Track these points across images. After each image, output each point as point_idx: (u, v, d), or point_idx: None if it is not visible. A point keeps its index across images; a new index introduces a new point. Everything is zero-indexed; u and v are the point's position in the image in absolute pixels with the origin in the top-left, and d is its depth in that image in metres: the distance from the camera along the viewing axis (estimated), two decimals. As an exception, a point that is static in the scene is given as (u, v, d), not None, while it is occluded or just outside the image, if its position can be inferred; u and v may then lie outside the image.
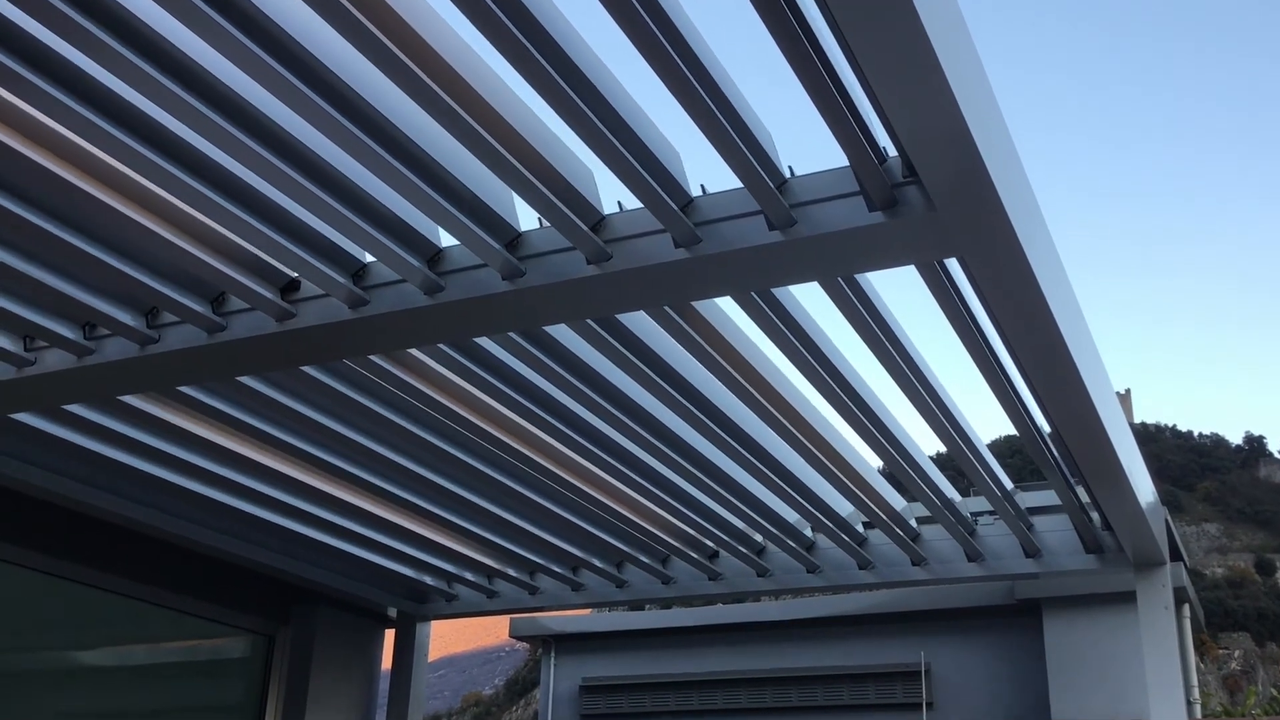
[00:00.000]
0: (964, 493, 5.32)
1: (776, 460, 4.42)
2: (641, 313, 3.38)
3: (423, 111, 2.57)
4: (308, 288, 3.34)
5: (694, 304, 3.31)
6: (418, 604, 6.52)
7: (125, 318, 3.47)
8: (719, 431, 4.10)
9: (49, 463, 4.67)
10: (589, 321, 3.33)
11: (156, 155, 2.74)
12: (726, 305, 3.44)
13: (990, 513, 5.35)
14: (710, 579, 5.81)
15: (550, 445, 4.42)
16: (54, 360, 3.68)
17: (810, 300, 3.38)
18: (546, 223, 3.02)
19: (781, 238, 2.77)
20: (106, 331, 3.58)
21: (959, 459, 4.26)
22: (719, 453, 4.42)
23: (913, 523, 5.29)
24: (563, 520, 5.16)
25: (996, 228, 2.65)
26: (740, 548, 5.45)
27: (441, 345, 3.56)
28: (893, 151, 2.61)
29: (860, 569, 5.50)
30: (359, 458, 4.59)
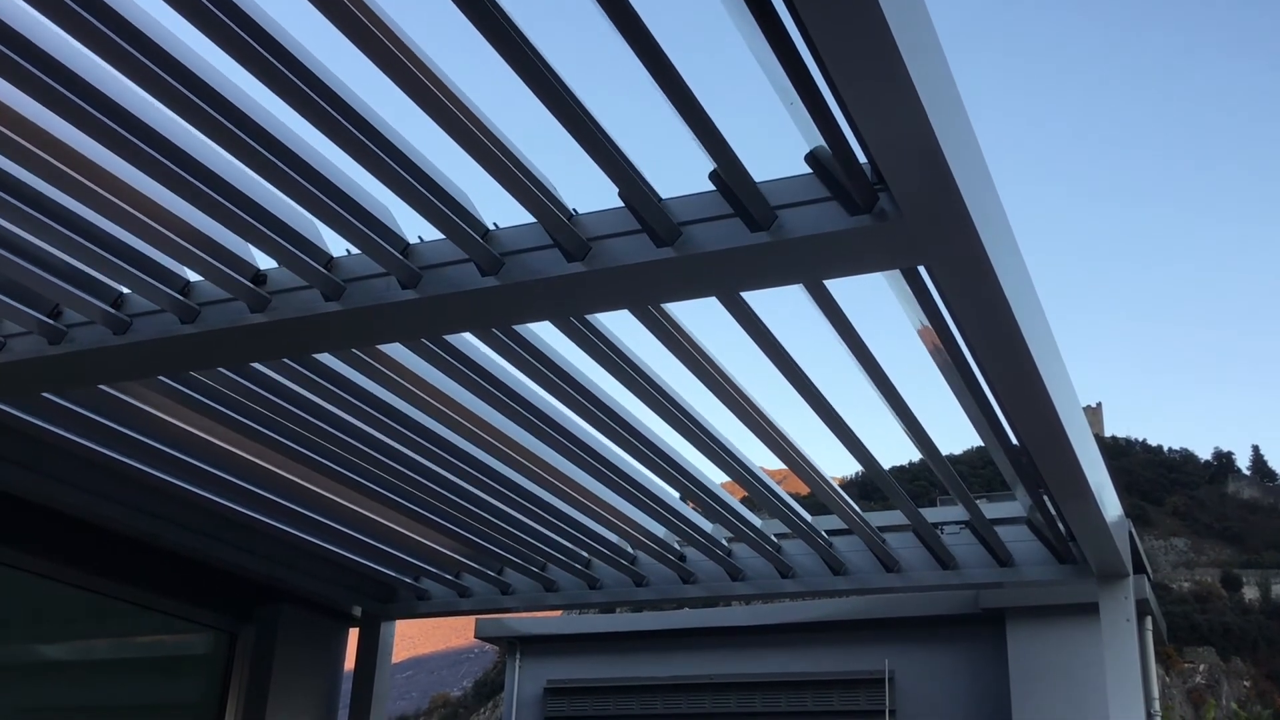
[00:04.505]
0: (930, 502, 5.35)
1: (746, 464, 4.43)
2: (618, 312, 3.37)
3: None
4: (278, 280, 3.32)
5: (668, 306, 3.31)
6: (383, 603, 6.48)
7: (95, 303, 3.43)
8: (695, 431, 4.11)
9: (5, 453, 4.58)
10: (565, 317, 3.33)
11: (133, 137, 2.72)
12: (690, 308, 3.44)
13: (958, 523, 5.38)
14: (684, 581, 5.80)
15: (519, 441, 4.41)
16: (25, 347, 3.64)
17: (775, 303, 3.40)
18: (516, 221, 3.02)
19: (757, 240, 2.78)
20: (81, 319, 3.54)
21: (935, 467, 4.28)
22: (691, 453, 4.43)
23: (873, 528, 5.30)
24: (531, 513, 5.14)
25: (963, 237, 2.66)
26: (714, 549, 5.46)
27: (423, 340, 3.56)
28: (862, 159, 2.62)
29: (834, 574, 5.52)
30: (326, 447, 4.55)
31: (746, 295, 3.17)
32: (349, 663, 6.75)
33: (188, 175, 2.85)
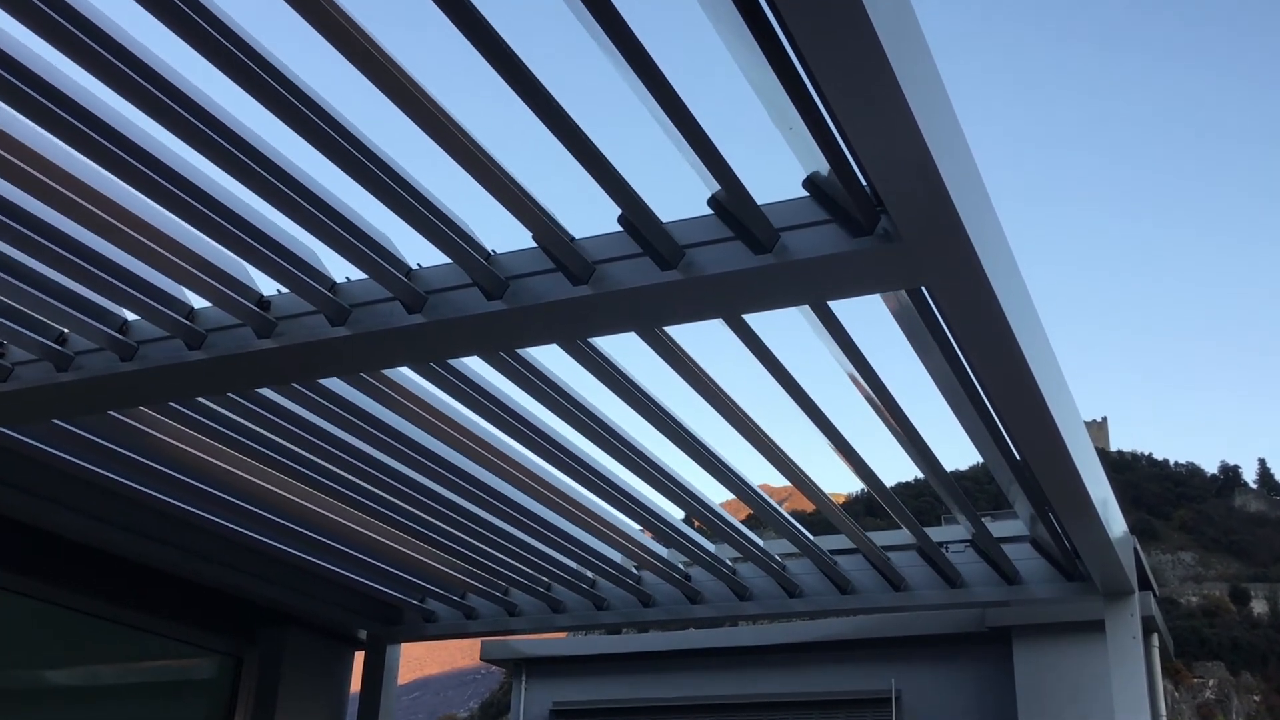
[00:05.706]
0: (936, 520, 5.35)
1: (749, 484, 4.43)
2: (621, 335, 3.38)
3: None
4: (283, 305, 3.34)
5: (671, 328, 3.33)
6: (388, 625, 6.48)
7: (102, 329, 3.45)
8: (699, 450, 4.12)
9: (9, 477, 4.56)
10: (570, 340, 3.35)
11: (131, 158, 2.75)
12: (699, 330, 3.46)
13: (964, 541, 5.38)
14: (692, 601, 5.79)
15: (524, 463, 4.42)
16: (33, 375, 3.66)
17: (777, 322, 3.41)
18: (519, 246, 3.04)
19: (760, 263, 2.80)
20: (90, 345, 3.56)
21: (939, 486, 4.28)
22: (696, 473, 4.44)
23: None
24: (536, 534, 5.14)
25: (962, 258, 2.68)
26: (721, 568, 5.45)
27: (431, 364, 3.57)
28: (862, 181, 2.63)
29: (841, 593, 5.51)
30: (332, 470, 4.56)
31: (749, 316, 3.19)
32: (354, 685, 6.74)
33: (192, 200, 2.87)
